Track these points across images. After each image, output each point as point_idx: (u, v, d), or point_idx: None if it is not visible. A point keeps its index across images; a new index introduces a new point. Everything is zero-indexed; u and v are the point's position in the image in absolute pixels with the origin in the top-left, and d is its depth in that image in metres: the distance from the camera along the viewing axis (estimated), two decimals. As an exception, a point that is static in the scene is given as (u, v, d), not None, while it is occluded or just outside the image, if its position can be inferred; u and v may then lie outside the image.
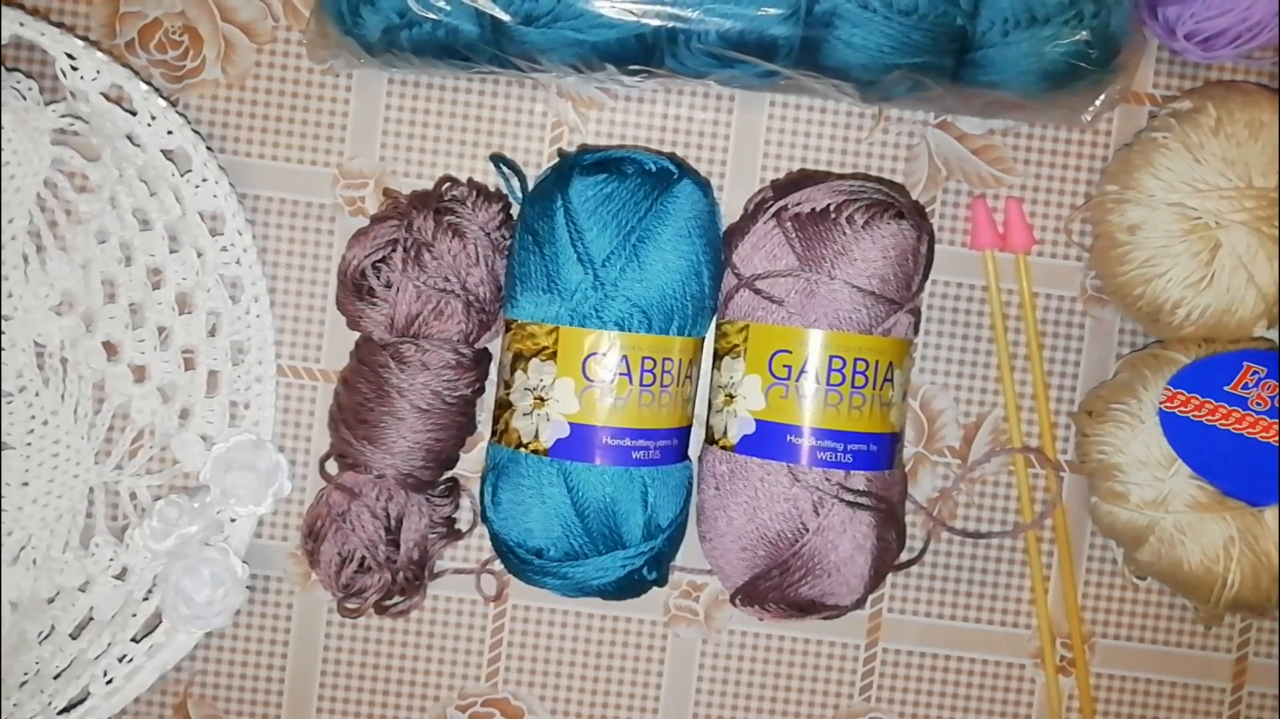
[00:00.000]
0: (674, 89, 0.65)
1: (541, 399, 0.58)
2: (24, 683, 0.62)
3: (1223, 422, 0.60)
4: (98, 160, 0.63)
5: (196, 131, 0.62)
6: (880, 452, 0.59)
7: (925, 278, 0.60)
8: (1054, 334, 0.66)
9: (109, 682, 0.62)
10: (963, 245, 0.66)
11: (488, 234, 0.61)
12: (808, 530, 0.58)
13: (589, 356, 0.58)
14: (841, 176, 0.64)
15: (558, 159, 0.65)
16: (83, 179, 0.64)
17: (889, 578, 0.66)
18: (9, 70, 0.63)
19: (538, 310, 0.59)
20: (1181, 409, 0.60)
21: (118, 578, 0.64)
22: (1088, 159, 0.65)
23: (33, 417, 0.65)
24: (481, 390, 0.62)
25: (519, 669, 0.67)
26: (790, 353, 0.58)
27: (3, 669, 0.62)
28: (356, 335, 0.62)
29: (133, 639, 0.63)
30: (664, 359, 0.59)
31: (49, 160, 0.64)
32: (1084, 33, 0.57)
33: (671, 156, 0.64)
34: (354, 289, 0.61)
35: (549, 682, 0.67)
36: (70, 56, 0.60)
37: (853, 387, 0.58)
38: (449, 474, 0.63)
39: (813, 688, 0.67)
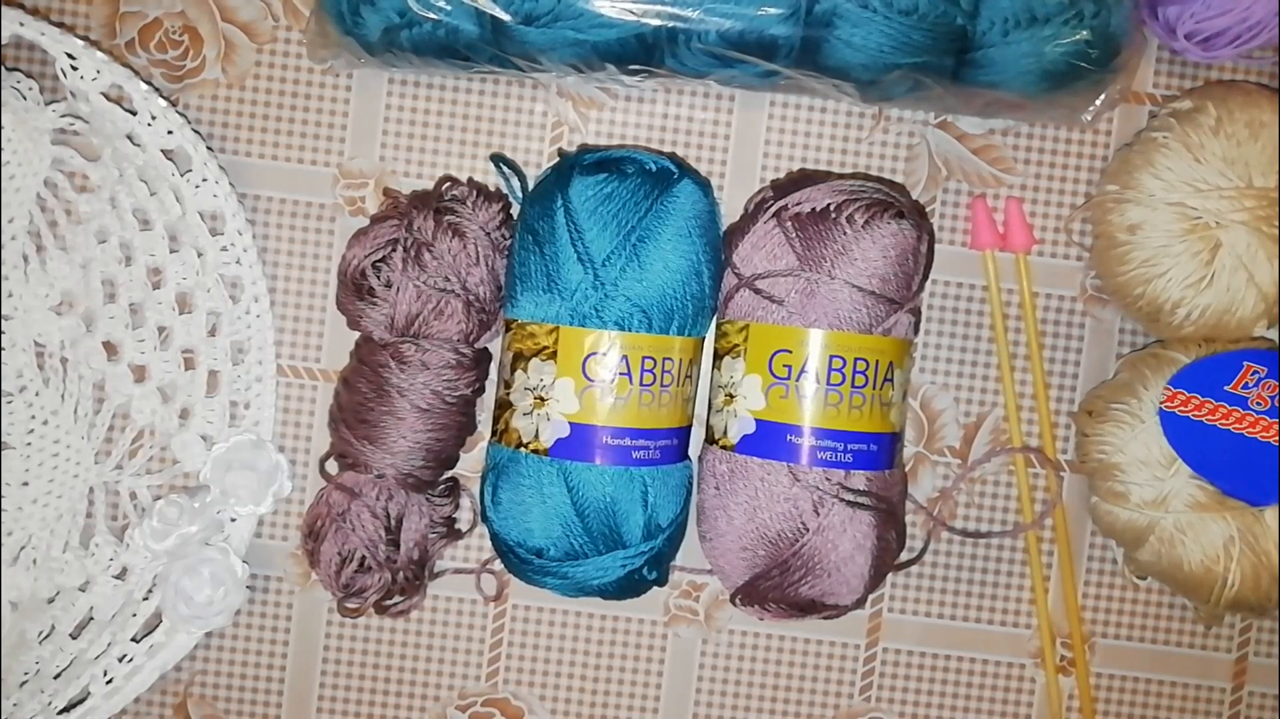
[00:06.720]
0: (674, 89, 0.65)
1: (541, 399, 0.58)
2: (24, 683, 0.62)
3: (1223, 421, 0.60)
4: (98, 160, 0.63)
5: (196, 131, 0.62)
6: (880, 451, 0.59)
7: (925, 278, 0.60)
8: (1054, 334, 0.66)
9: (109, 682, 0.62)
10: (963, 245, 0.66)
11: (488, 234, 0.61)
12: (808, 530, 0.58)
13: (589, 356, 0.58)
14: (841, 176, 0.64)
15: (558, 159, 0.65)
16: (83, 179, 0.64)
17: (889, 578, 0.66)
18: (9, 70, 0.63)
19: (538, 310, 0.59)
20: (1181, 409, 0.60)
21: (118, 578, 0.64)
22: (1088, 159, 0.65)
23: (33, 417, 0.65)
24: (481, 390, 0.62)
25: (519, 669, 0.67)
26: (790, 352, 0.58)
27: (3, 669, 0.62)
28: (356, 335, 0.62)
29: (133, 639, 0.63)
30: (664, 359, 0.59)
31: (49, 160, 0.63)
32: (1084, 32, 0.57)
33: (671, 156, 0.64)
34: (354, 289, 0.61)
35: (549, 682, 0.67)
36: (70, 56, 0.60)
37: (853, 386, 0.58)
38: (449, 474, 0.63)
39: (813, 688, 0.67)
